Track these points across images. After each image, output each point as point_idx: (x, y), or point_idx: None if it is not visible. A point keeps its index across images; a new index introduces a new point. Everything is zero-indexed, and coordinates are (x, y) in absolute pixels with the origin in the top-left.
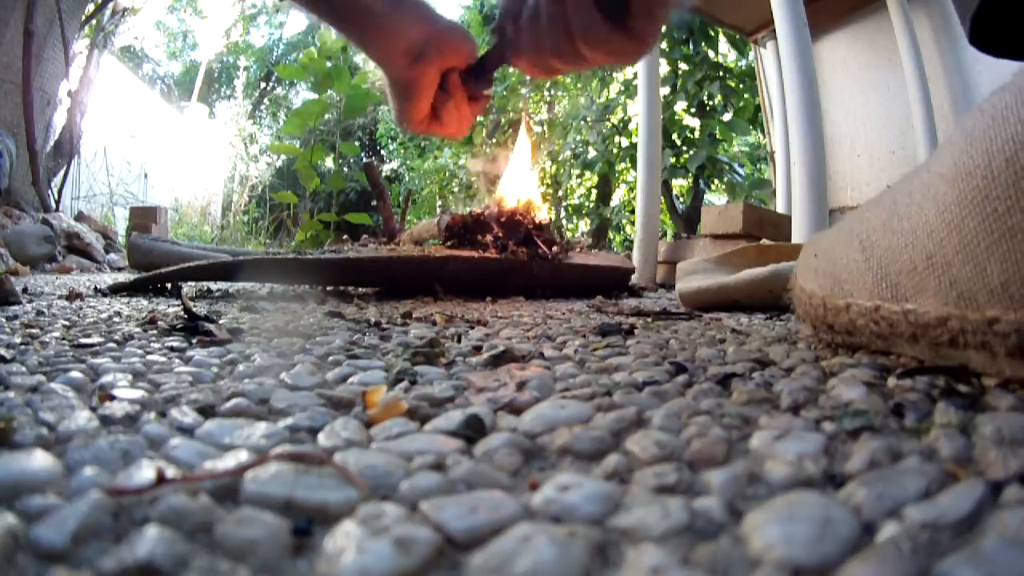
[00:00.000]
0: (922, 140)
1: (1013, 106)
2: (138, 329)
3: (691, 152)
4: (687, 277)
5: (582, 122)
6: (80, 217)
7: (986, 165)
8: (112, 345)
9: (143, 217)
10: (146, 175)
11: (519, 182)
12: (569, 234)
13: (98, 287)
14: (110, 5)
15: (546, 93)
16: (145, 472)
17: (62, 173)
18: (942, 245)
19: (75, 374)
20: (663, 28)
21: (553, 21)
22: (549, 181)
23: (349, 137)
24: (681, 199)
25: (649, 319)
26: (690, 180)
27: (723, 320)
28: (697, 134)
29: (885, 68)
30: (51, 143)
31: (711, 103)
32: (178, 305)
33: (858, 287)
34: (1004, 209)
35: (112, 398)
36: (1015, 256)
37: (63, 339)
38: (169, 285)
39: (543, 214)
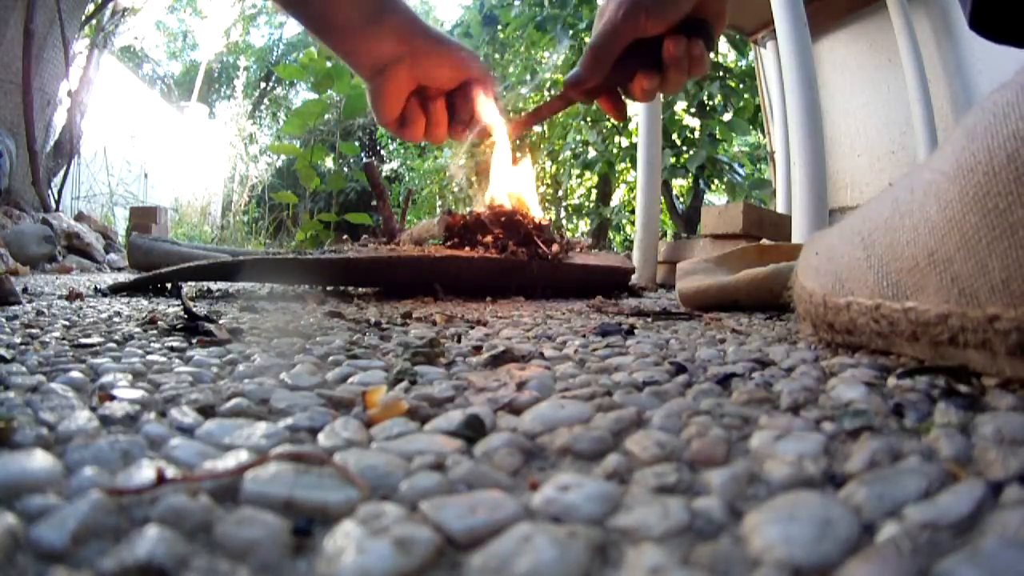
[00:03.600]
0: (922, 140)
1: (1014, 103)
2: (138, 329)
3: (691, 152)
4: (687, 277)
5: (582, 122)
6: (80, 217)
7: (987, 162)
8: (112, 345)
9: (143, 217)
10: (146, 175)
11: (506, 170)
12: (569, 234)
13: (98, 287)
14: (110, 5)
15: (546, 93)
16: (145, 472)
17: (62, 173)
18: (943, 242)
19: (75, 374)
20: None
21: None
22: (549, 181)
23: (349, 137)
24: (681, 199)
25: (649, 319)
26: (690, 180)
27: (723, 320)
28: (697, 134)
29: (885, 68)
30: (51, 143)
31: (711, 103)
32: (178, 305)
33: (859, 285)
34: (1005, 205)
35: (112, 398)
36: (1016, 253)
37: (63, 339)
38: (169, 285)
39: (536, 208)
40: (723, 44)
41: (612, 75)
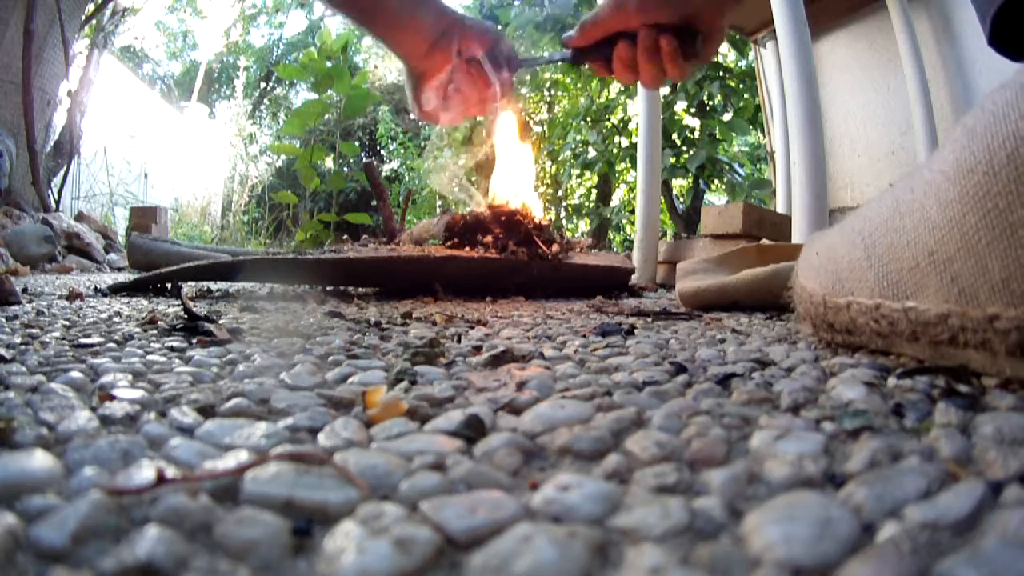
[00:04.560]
0: (922, 140)
1: (1014, 103)
2: (138, 329)
3: (691, 152)
4: (687, 277)
5: (582, 122)
6: (80, 217)
7: (987, 161)
8: (112, 345)
9: (143, 217)
10: (146, 175)
11: (512, 173)
12: (569, 234)
13: (98, 287)
14: (110, 5)
15: (546, 93)
16: (145, 472)
17: (62, 173)
18: (944, 241)
19: (75, 374)
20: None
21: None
22: (549, 181)
23: (349, 137)
24: (681, 199)
25: (649, 319)
26: (690, 180)
27: (723, 320)
28: (697, 134)
29: (885, 68)
30: (51, 143)
31: (711, 103)
32: (178, 305)
33: (859, 285)
34: (1005, 205)
35: (112, 398)
36: (1016, 252)
37: (63, 339)
38: (169, 285)
39: (537, 209)
40: (723, 44)
41: (597, 49)
